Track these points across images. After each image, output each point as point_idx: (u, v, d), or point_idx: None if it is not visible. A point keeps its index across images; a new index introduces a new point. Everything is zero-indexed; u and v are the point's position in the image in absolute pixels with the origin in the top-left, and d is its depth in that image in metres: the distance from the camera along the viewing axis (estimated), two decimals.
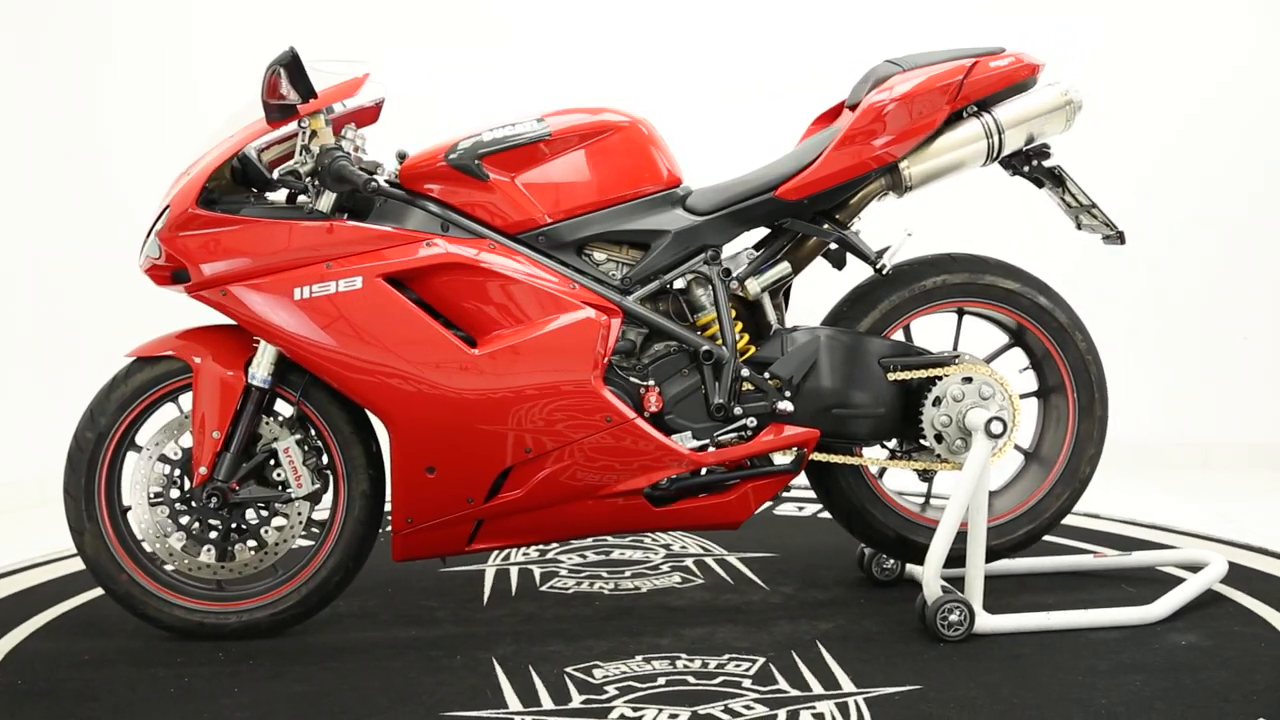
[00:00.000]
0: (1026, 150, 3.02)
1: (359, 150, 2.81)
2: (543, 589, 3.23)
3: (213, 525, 2.81)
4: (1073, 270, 4.20)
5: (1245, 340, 4.80)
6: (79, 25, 4.64)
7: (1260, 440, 4.76)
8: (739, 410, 2.86)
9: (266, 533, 2.83)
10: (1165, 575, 3.22)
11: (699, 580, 3.29)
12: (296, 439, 2.83)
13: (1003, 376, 2.98)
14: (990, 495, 3.00)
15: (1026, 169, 3.05)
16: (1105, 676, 2.55)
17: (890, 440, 3.06)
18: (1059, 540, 3.51)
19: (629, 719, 2.37)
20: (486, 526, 2.82)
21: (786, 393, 2.89)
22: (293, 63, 2.61)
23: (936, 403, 2.94)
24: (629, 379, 2.85)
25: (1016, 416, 2.97)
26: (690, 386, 2.87)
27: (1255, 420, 4.78)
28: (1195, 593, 2.98)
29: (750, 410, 2.87)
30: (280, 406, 2.88)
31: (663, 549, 3.59)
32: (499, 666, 2.65)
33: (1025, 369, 3.20)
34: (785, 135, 3.18)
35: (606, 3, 4.91)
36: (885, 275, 2.97)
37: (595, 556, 3.53)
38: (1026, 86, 2.98)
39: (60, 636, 2.93)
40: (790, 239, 2.98)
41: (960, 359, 2.98)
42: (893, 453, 3.09)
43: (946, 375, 2.95)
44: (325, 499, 2.90)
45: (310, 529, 2.91)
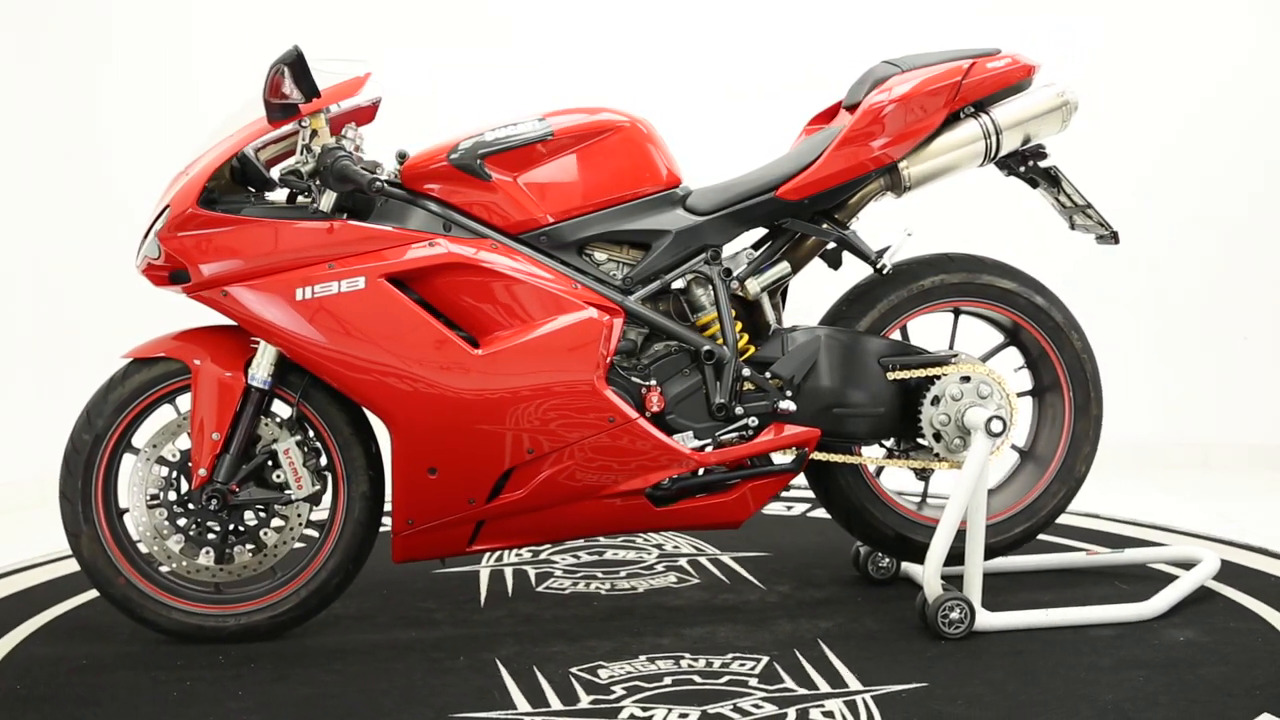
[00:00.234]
0: (1023, 151, 3.03)
1: (359, 149, 2.81)
2: (539, 590, 3.23)
3: (211, 527, 2.79)
4: (1073, 270, 4.20)
5: (1245, 340, 4.80)
6: (79, 25, 4.64)
7: (1260, 440, 4.76)
8: (740, 410, 2.86)
9: (265, 535, 2.82)
10: (1156, 572, 3.24)
11: (695, 580, 3.29)
12: (297, 440, 2.82)
13: (1000, 375, 2.99)
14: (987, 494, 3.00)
15: (1022, 169, 3.06)
16: (1108, 672, 2.56)
17: (888, 439, 3.06)
18: (1050, 538, 3.52)
19: (640, 719, 2.38)
20: (487, 527, 2.82)
21: (788, 392, 2.89)
22: (297, 61, 2.60)
23: (935, 402, 2.94)
24: (630, 379, 2.85)
25: (1014, 415, 2.98)
26: (691, 386, 2.87)
27: (1255, 420, 4.78)
28: (1189, 589, 2.99)
29: (751, 410, 2.87)
30: (277, 407, 2.86)
31: (655, 549, 3.59)
32: (503, 667, 2.65)
33: (1020, 368, 3.21)
34: (785, 135, 3.18)
35: (606, 3, 4.91)
36: (885, 275, 2.98)
37: (589, 557, 3.53)
38: (1022, 87, 2.99)
39: (58, 640, 2.90)
40: (788, 239, 2.99)
41: (958, 358, 2.98)
42: (890, 451, 3.10)
43: (945, 374, 2.95)
44: (323, 500, 2.89)
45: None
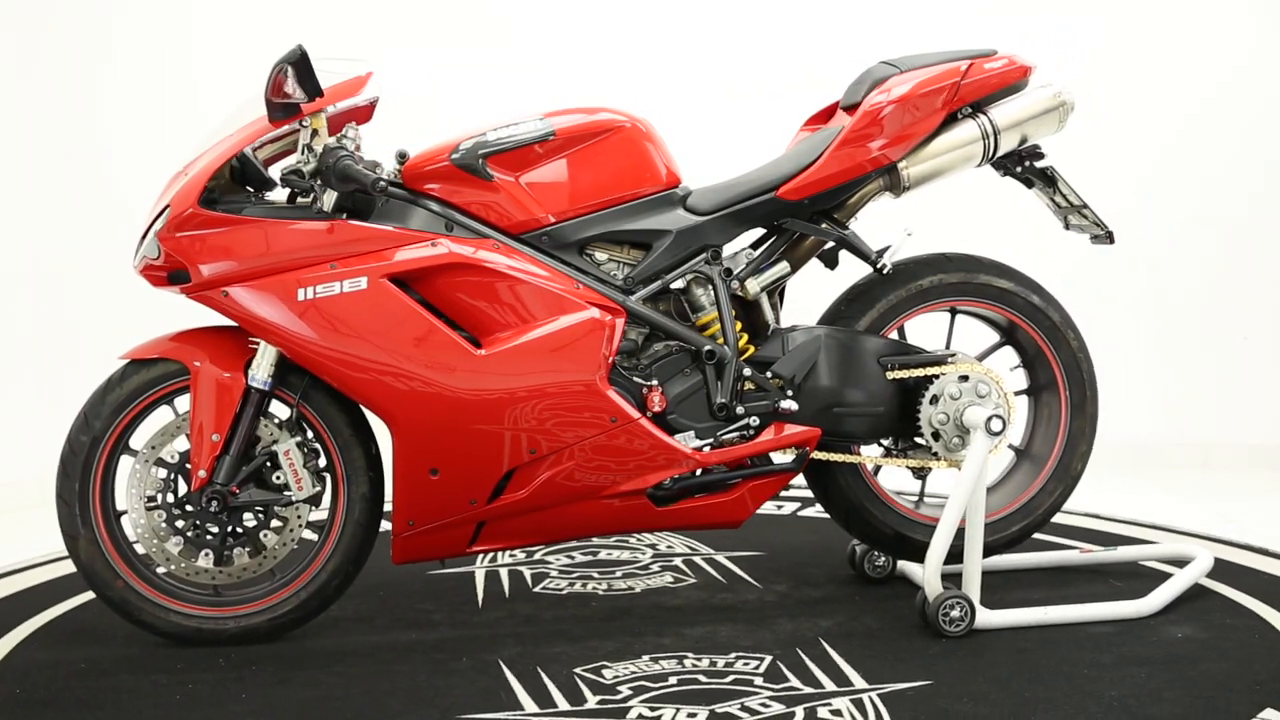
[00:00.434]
0: (1020, 151, 3.03)
1: (359, 149, 2.80)
2: (536, 590, 3.22)
3: (211, 529, 2.77)
4: (1072, 270, 4.21)
5: (1245, 340, 4.80)
6: (79, 25, 4.63)
7: (1260, 440, 4.77)
8: (742, 410, 2.87)
9: (265, 536, 2.81)
10: (1147, 570, 3.25)
11: (691, 580, 3.29)
12: (297, 441, 2.81)
13: (998, 374, 3.00)
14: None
15: (1019, 169, 3.07)
16: (1110, 669, 2.57)
17: (887, 438, 3.07)
18: (1046, 537, 3.52)
19: (647, 718, 2.38)
20: (488, 528, 2.81)
21: (789, 392, 2.89)
22: (300, 61, 2.59)
23: (934, 401, 2.95)
24: (632, 379, 2.85)
25: (1012, 414, 2.98)
26: (692, 386, 2.87)
27: (1255, 420, 4.79)
28: (1184, 586, 3.01)
29: (753, 410, 2.87)
30: (276, 409, 2.84)
31: (649, 549, 3.59)
32: (506, 668, 2.64)
33: (1016, 367, 3.21)
34: (785, 135, 3.18)
35: (606, 3, 4.91)
36: (885, 275, 2.98)
37: (583, 557, 3.52)
38: (1019, 88, 3.00)
39: (56, 642, 2.88)
40: (787, 239, 2.99)
41: (956, 357, 2.99)
42: (888, 450, 3.10)
43: (943, 374, 2.95)
44: (322, 501, 2.88)
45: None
